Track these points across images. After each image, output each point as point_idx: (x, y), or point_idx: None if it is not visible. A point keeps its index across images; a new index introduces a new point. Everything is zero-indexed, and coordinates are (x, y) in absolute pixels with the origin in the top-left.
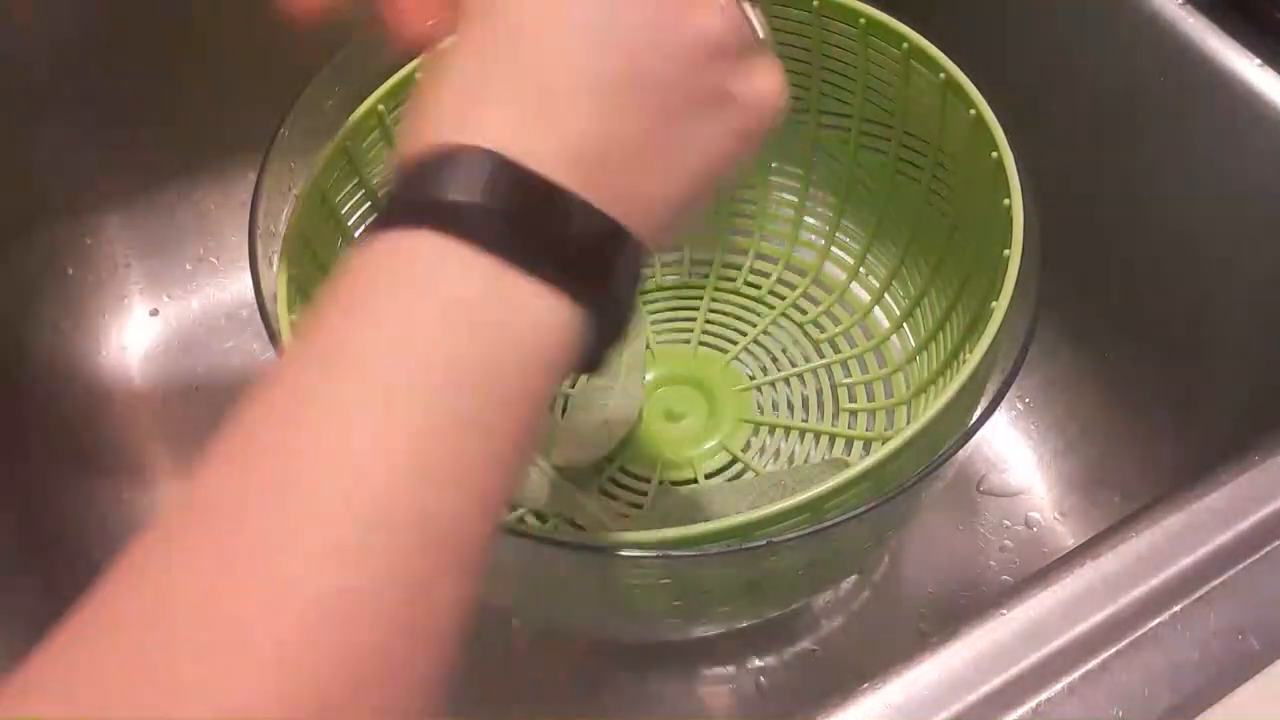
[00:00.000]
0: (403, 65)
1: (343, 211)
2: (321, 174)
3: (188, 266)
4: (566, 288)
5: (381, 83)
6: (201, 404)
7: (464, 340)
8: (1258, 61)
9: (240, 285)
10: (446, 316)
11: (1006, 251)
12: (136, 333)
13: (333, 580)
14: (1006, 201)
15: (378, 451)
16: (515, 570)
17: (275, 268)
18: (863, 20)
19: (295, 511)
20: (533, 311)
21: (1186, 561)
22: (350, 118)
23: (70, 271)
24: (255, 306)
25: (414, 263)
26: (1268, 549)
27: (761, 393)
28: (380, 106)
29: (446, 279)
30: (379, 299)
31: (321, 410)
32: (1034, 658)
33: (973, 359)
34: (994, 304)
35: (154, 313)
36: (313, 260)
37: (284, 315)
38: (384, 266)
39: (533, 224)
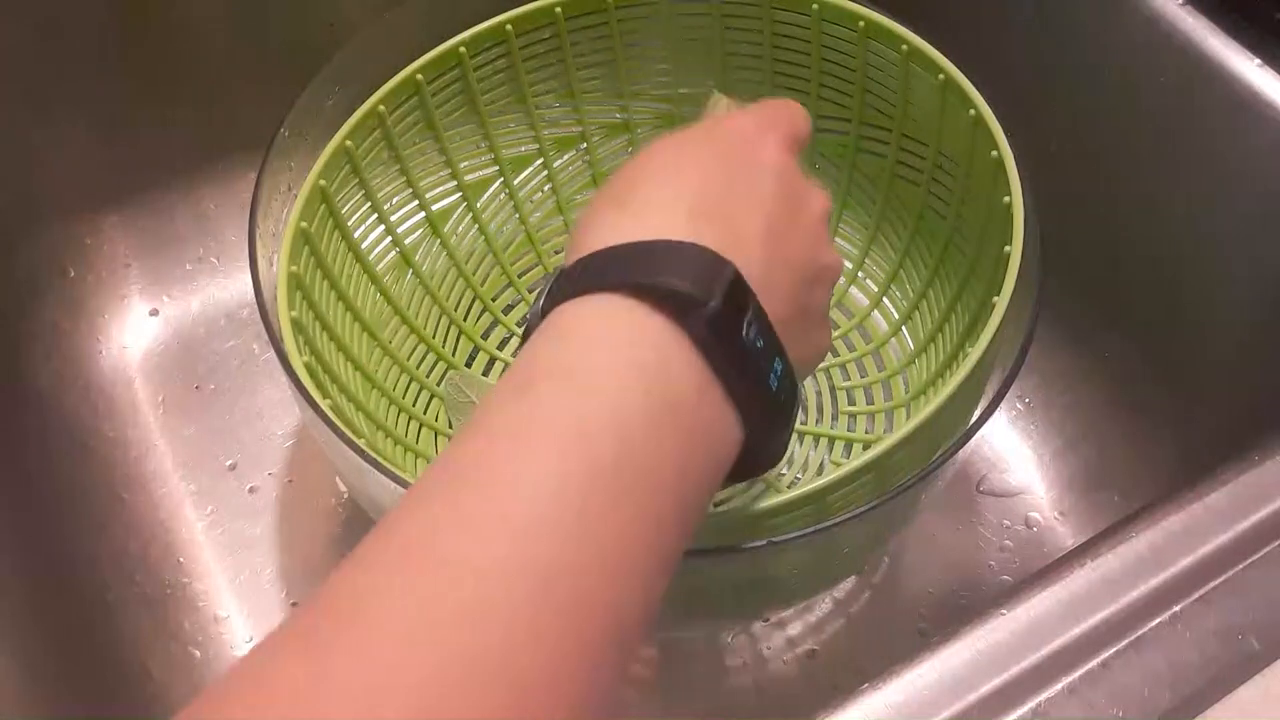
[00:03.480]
0: (403, 65)
1: (343, 211)
2: (321, 174)
3: (188, 266)
4: (743, 410)
5: (382, 83)
6: (201, 404)
7: (663, 425)
8: (1258, 61)
9: (240, 285)
10: (651, 403)
11: (1007, 248)
12: (136, 333)
13: (472, 638)
14: (1007, 199)
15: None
16: None
17: (275, 268)
18: (862, 23)
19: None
20: (717, 417)
21: (1186, 561)
22: (350, 118)
23: (70, 271)
24: (255, 306)
25: (641, 349)
26: (1268, 549)
27: None
28: (380, 107)
29: (665, 370)
30: (597, 370)
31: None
32: (1034, 658)
33: (975, 351)
34: (995, 299)
35: (154, 313)
36: (313, 259)
37: (284, 315)
38: (606, 337)
39: (740, 340)
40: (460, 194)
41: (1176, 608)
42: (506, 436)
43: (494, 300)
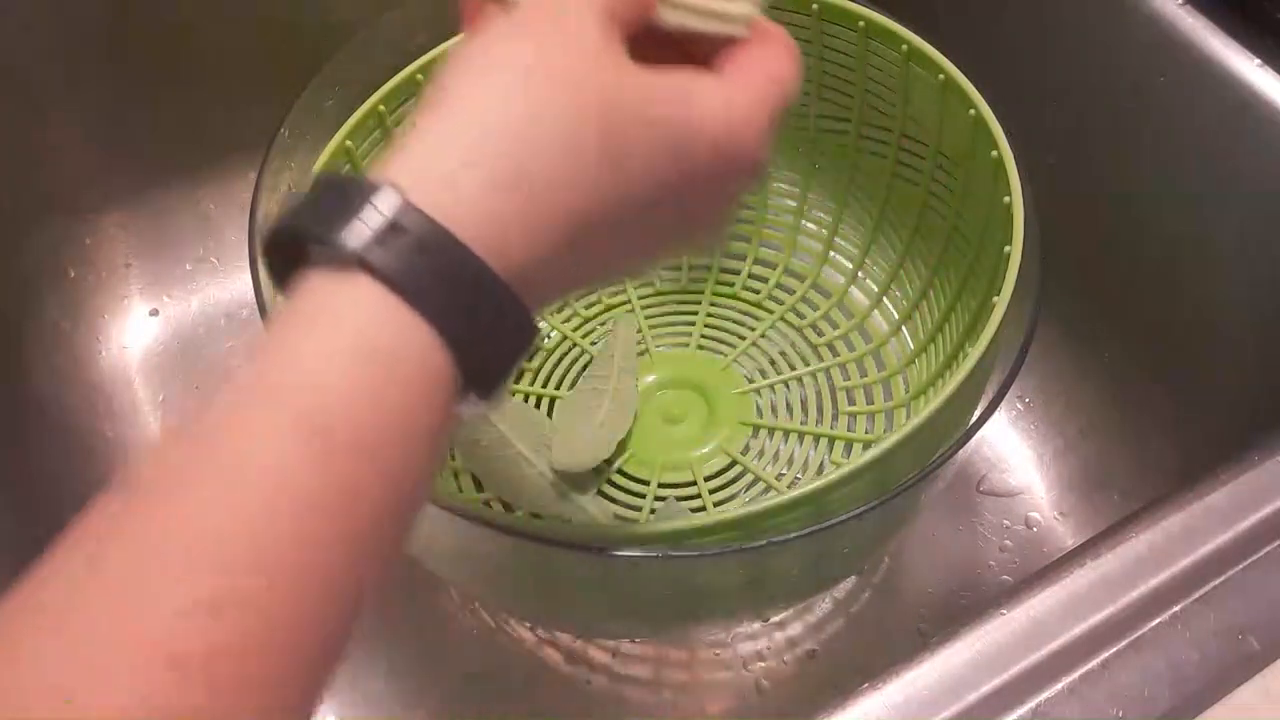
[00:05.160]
0: (403, 65)
1: None
2: None
3: (188, 266)
4: (454, 343)
5: (382, 83)
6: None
7: (366, 381)
8: (1258, 61)
9: (240, 285)
10: (358, 361)
11: (1007, 249)
12: (136, 333)
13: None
14: (1007, 199)
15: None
16: (515, 571)
17: None
18: (862, 23)
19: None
20: (425, 357)
21: (1186, 561)
22: (350, 118)
23: (70, 272)
24: (255, 306)
25: (340, 307)
26: (1268, 549)
27: (761, 396)
28: (380, 107)
29: (370, 327)
30: (299, 334)
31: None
32: (1034, 658)
33: (975, 352)
34: (995, 299)
35: (154, 313)
36: None
37: None
38: (312, 306)
39: (456, 294)
40: None
41: (1176, 608)
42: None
43: None
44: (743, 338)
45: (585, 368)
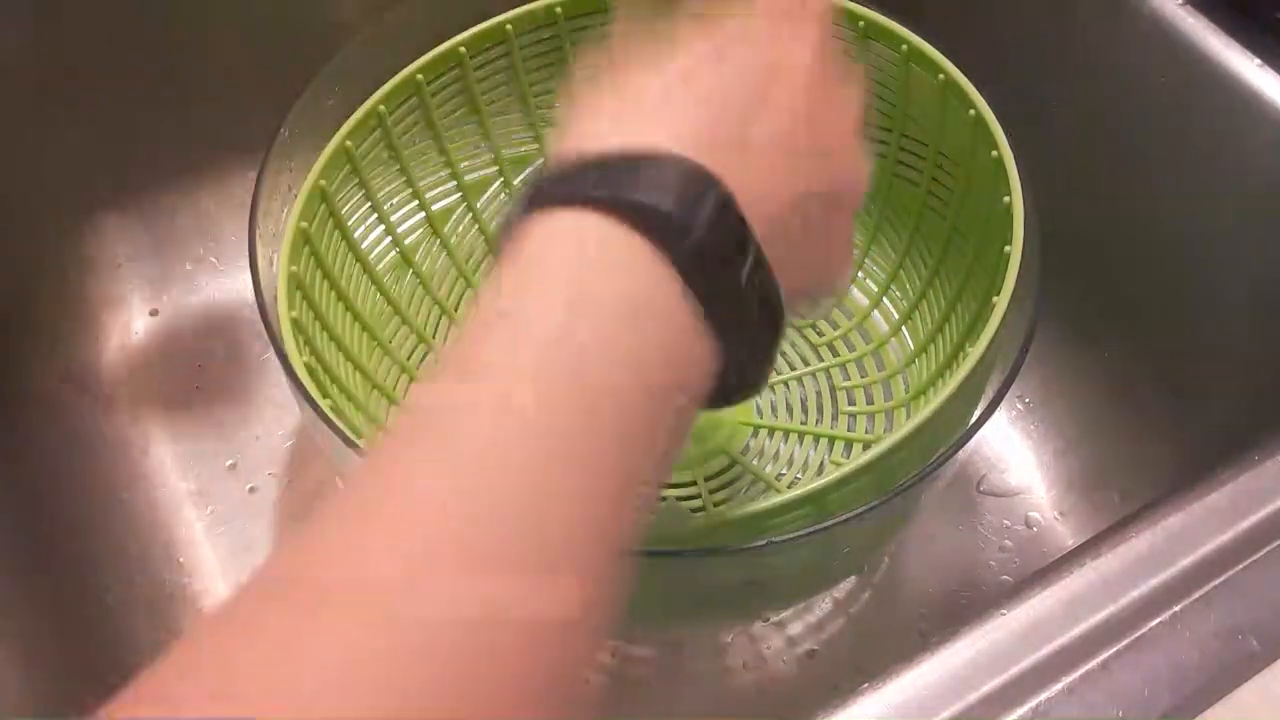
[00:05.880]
0: (403, 65)
1: (343, 211)
2: (321, 174)
3: (188, 266)
4: (718, 321)
5: (382, 83)
6: (201, 404)
7: (623, 338)
8: (1258, 61)
9: (240, 285)
10: (616, 311)
11: (1007, 249)
12: (136, 333)
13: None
14: (1007, 199)
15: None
16: None
17: (275, 267)
18: (862, 23)
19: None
20: (697, 355)
21: (1186, 561)
22: (350, 118)
23: (70, 271)
24: (255, 306)
25: (596, 250)
26: (1268, 549)
27: (760, 396)
28: (380, 107)
29: (625, 274)
30: (557, 283)
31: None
32: (1034, 658)
33: (975, 351)
34: (995, 299)
35: (154, 313)
36: (313, 259)
37: (284, 315)
38: (562, 249)
39: (723, 255)
40: (460, 194)
41: (1176, 608)
42: (459, 395)
43: None
44: None
45: None
